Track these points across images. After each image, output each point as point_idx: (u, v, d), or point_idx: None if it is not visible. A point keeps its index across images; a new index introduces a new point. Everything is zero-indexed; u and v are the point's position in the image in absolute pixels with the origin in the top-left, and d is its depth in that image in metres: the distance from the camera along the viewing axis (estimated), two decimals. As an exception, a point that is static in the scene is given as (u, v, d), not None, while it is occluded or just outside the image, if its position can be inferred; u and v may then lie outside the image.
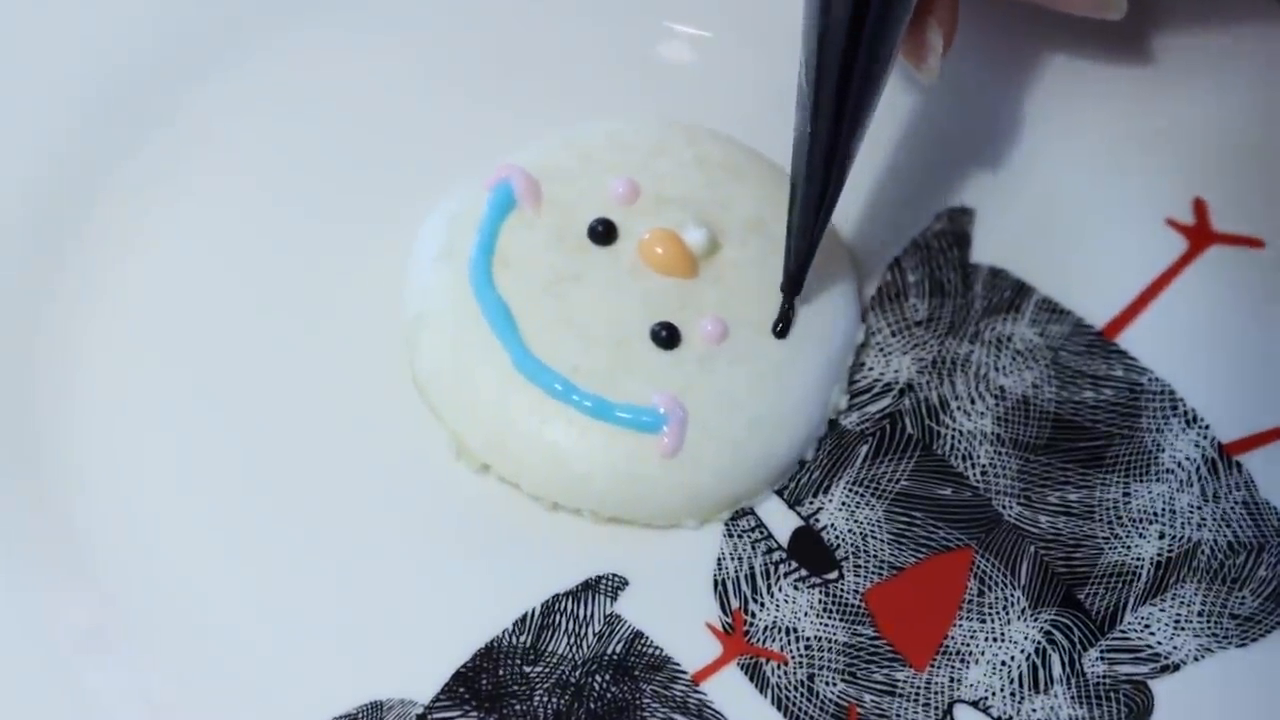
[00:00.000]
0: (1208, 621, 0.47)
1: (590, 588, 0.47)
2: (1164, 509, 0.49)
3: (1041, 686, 0.46)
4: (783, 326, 0.49)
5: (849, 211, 0.52)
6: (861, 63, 0.45)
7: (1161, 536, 0.48)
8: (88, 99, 0.52)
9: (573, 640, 0.46)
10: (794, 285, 0.49)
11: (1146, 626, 0.47)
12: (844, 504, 0.48)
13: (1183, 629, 0.47)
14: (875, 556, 0.48)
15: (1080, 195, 0.53)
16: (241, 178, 0.52)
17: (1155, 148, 0.53)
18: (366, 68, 0.53)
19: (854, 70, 0.45)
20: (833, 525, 0.48)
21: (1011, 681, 0.46)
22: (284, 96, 0.53)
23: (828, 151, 0.46)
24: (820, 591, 0.47)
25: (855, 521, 0.48)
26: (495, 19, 0.54)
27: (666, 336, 0.48)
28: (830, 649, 0.47)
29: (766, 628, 0.47)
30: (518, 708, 0.46)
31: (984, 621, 0.47)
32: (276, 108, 0.53)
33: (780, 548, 0.48)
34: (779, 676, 0.46)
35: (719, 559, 0.48)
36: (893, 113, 0.53)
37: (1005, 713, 0.46)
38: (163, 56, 0.53)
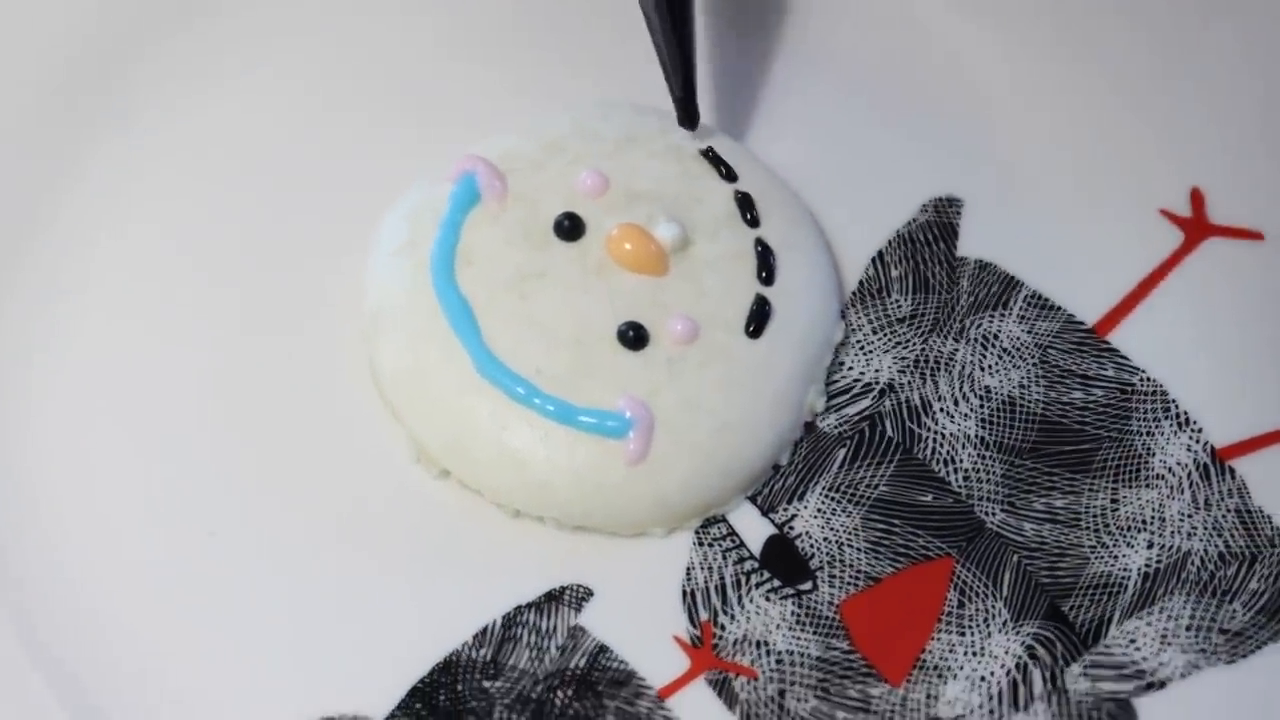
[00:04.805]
0: (1196, 636, 0.45)
1: (553, 599, 0.46)
2: (1153, 516, 0.47)
3: (1022, 704, 0.45)
4: (756, 325, 0.47)
5: (828, 201, 0.50)
6: None
7: (1150, 546, 0.46)
8: (45, 92, 0.51)
9: (535, 654, 0.45)
10: (687, 113, 0.48)
11: (1132, 641, 0.45)
12: (819, 511, 0.47)
13: (1169, 644, 0.45)
14: (851, 566, 0.46)
15: (1071, 185, 0.51)
16: (199, 168, 0.50)
17: (1150, 135, 0.51)
18: (330, 52, 0.52)
19: None
20: (807, 533, 0.47)
21: (991, 698, 0.45)
22: (243, 85, 0.51)
23: None
24: (793, 603, 0.46)
25: (831, 529, 0.47)
26: (461, 4, 0.52)
27: (634, 337, 0.46)
28: (802, 663, 0.45)
29: (736, 641, 0.45)
30: (476, 725, 0.44)
31: (963, 635, 0.45)
32: (235, 97, 0.51)
33: (752, 557, 0.46)
34: (748, 692, 0.45)
35: (688, 569, 0.46)
36: (875, 98, 0.52)
37: (984, 731, 0.45)
38: (120, 42, 0.51)
